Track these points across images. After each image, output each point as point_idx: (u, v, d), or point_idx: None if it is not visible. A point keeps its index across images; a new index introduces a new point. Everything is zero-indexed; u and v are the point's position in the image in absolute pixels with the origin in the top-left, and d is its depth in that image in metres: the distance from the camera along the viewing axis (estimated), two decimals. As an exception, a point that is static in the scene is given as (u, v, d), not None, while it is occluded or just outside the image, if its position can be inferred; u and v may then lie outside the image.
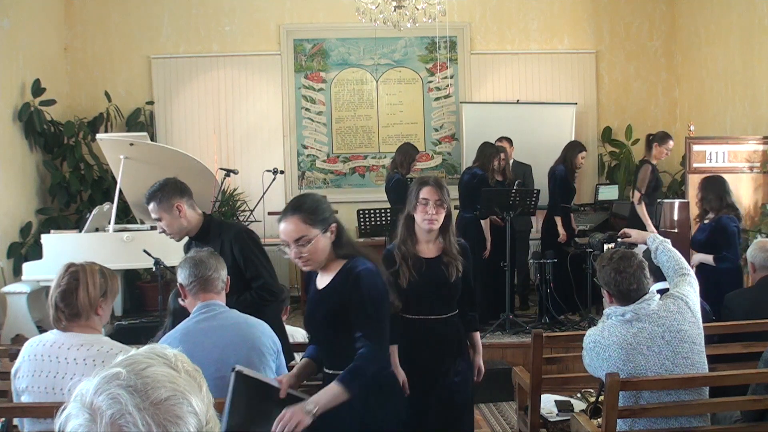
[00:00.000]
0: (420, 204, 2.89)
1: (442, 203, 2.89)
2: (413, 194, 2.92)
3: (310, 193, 2.40)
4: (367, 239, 6.50)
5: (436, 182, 2.92)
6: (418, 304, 2.91)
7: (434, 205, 2.87)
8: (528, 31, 8.05)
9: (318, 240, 2.22)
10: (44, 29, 7.20)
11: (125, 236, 5.46)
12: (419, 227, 2.93)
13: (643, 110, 8.17)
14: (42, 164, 6.99)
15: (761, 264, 3.60)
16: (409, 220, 2.96)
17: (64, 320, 2.35)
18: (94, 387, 0.87)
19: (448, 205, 2.92)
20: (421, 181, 2.97)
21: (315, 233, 2.21)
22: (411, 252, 2.93)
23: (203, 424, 0.89)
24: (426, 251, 2.96)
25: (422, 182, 2.94)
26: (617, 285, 2.60)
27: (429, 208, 2.87)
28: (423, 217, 2.88)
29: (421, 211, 2.88)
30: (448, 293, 2.95)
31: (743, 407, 2.80)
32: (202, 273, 2.56)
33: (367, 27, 6.87)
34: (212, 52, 7.78)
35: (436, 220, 2.88)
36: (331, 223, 2.27)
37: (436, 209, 2.87)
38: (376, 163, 7.97)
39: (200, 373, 0.96)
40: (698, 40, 7.65)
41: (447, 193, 2.92)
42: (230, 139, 7.80)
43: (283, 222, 2.24)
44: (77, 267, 2.40)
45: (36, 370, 2.33)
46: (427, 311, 2.93)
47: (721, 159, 6.31)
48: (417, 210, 2.90)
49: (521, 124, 7.43)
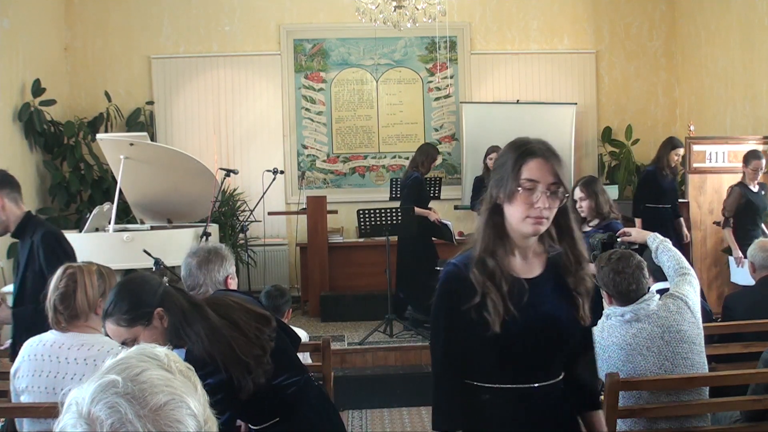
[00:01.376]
0: (523, 189, 1.70)
1: (559, 187, 1.71)
2: (507, 170, 1.74)
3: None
4: (367, 239, 6.54)
5: (549, 151, 1.75)
6: (513, 363, 1.77)
7: (546, 190, 1.70)
8: (528, 31, 8.05)
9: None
10: (44, 29, 7.20)
11: (125, 236, 5.46)
12: (512, 227, 1.76)
13: (643, 110, 8.17)
14: (42, 164, 6.99)
15: (761, 264, 3.60)
16: (495, 215, 1.78)
17: (63, 322, 2.35)
18: (90, 396, 0.85)
19: (567, 190, 1.74)
20: (523, 148, 1.75)
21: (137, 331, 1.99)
22: (505, 270, 1.75)
23: (202, 424, 0.89)
24: (523, 268, 1.79)
25: (525, 151, 1.74)
26: (616, 286, 2.61)
27: (538, 196, 1.69)
28: (525, 212, 1.70)
29: (523, 200, 1.70)
30: (561, 342, 1.80)
31: (743, 407, 2.79)
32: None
33: (367, 27, 6.87)
34: (212, 52, 7.78)
35: (546, 218, 1.72)
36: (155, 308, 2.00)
37: (549, 199, 1.70)
38: (376, 163, 7.97)
39: (193, 371, 0.95)
40: (698, 40, 7.65)
41: (565, 168, 1.77)
42: (230, 139, 7.80)
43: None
44: (75, 269, 2.40)
45: (36, 369, 2.33)
46: (524, 375, 1.78)
47: (721, 159, 6.30)
48: (515, 198, 1.72)
49: (521, 124, 7.41)
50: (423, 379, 5.13)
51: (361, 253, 6.95)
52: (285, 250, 7.64)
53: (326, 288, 6.70)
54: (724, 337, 3.33)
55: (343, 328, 6.14)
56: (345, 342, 5.61)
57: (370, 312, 6.20)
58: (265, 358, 2.04)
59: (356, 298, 6.59)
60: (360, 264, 6.87)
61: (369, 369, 5.31)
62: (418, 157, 6.09)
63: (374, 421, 4.78)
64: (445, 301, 1.82)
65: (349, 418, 4.85)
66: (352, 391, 4.97)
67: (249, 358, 2.01)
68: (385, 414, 4.91)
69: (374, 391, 5.05)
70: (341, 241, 7.16)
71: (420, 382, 5.11)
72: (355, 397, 4.99)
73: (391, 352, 5.40)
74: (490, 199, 1.78)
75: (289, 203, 7.78)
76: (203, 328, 1.99)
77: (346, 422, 4.76)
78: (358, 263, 6.89)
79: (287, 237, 7.73)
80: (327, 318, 6.48)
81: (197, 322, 2.00)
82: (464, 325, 1.76)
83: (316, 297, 6.64)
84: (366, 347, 5.43)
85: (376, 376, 5.18)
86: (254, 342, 2.05)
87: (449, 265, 1.83)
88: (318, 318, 6.53)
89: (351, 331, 5.98)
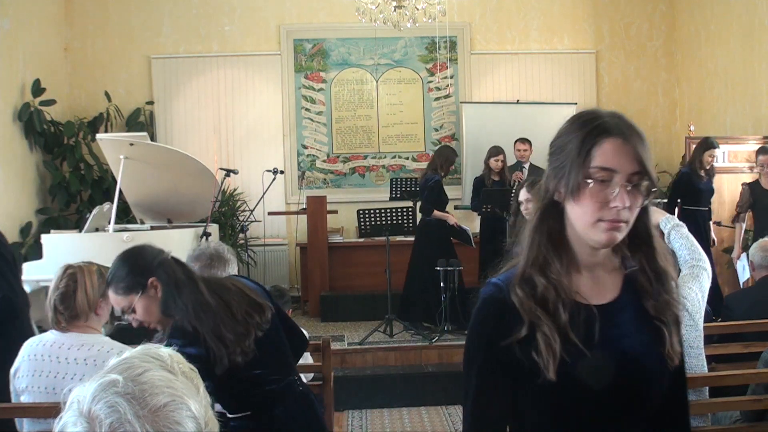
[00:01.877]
0: (594, 181, 1.21)
1: (643, 178, 1.22)
2: (571, 154, 1.24)
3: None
4: (367, 239, 6.54)
5: (630, 128, 1.23)
6: (576, 423, 1.27)
7: (626, 182, 1.21)
8: (528, 31, 8.06)
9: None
10: (44, 29, 7.20)
11: (125, 236, 5.45)
12: (576, 234, 1.27)
13: (643, 110, 8.17)
14: (42, 164, 6.99)
15: (760, 263, 3.60)
16: (550, 217, 1.29)
17: (63, 322, 2.35)
18: (90, 394, 0.86)
19: (654, 182, 1.23)
20: (593, 125, 1.23)
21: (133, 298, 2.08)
22: (565, 293, 1.26)
23: (202, 426, 0.89)
24: (591, 290, 1.30)
25: (596, 128, 1.23)
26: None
27: (614, 191, 1.20)
28: (597, 213, 1.22)
29: (594, 196, 1.21)
30: (645, 393, 1.28)
31: (743, 407, 2.79)
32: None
33: (367, 27, 6.88)
34: (212, 52, 7.78)
35: (626, 222, 1.22)
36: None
37: (630, 194, 1.21)
38: (376, 163, 7.97)
39: (196, 373, 0.95)
40: (698, 40, 7.65)
41: (649, 152, 1.24)
42: (230, 139, 7.80)
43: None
44: (75, 269, 2.40)
45: (36, 369, 2.33)
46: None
47: (721, 159, 6.30)
48: (582, 194, 1.22)
49: (521, 124, 7.42)
50: (423, 379, 5.14)
51: (361, 253, 6.95)
52: (285, 250, 7.64)
53: (326, 288, 6.71)
54: (724, 337, 3.33)
55: (343, 328, 6.14)
56: (345, 342, 5.61)
57: (370, 312, 6.20)
58: (246, 341, 2.07)
59: (356, 298, 6.59)
60: (360, 264, 6.86)
61: (369, 369, 5.30)
62: (437, 159, 6.05)
63: (374, 421, 4.78)
64: (480, 335, 1.31)
65: (349, 418, 4.85)
66: (352, 391, 4.97)
67: (230, 333, 2.04)
68: (385, 414, 4.91)
69: (374, 391, 5.05)
70: (341, 241, 7.16)
71: (420, 382, 5.12)
72: (355, 397, 4.99)
73: (391, 352, 5.39)
74: (544, 195, 1.30)
75: (289, 203, 7.79)
76: (191, 301, 2.04)
77: (346, 422, 4.76)
78: (358, 263, 6.89)
79: (287, 237, 7.74)
80: (327, 318, 6.48)
81: (187, 294, 2.05)
82: (506, 369, 1.26)
83: (316, 297, 6.64)
84: (366, 347, 5.43)
85: (376, 376, 5.18)
86: (239, 322, 2.08)
87: (489, 285, 1.32)
88: (318, 318, 6.53)
89: (351, 331, 5.98)
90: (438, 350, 5.38)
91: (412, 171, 7.86)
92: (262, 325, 2.15)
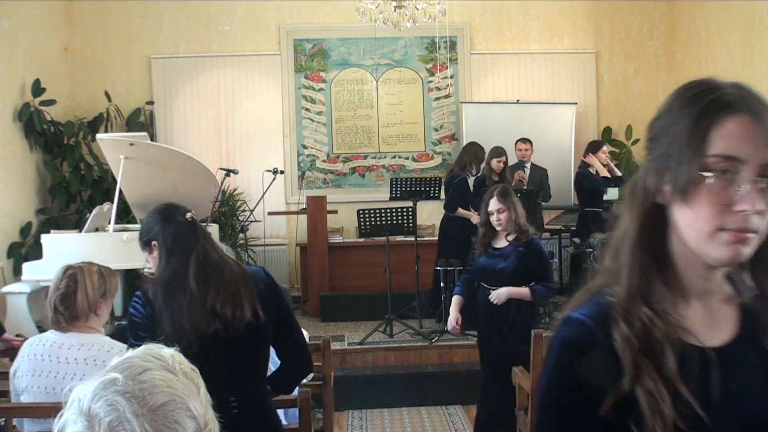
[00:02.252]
0: (715, 176, 0.89)
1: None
2: (681, 138, 0.92)
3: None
4: (367, 239, 6.54)
5: (760, 103, 0.96)
6: None
7: (759, 177, 0.89)
8: (528, 31, 8.05)
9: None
10: (44, 29, 7.20)
11: (125, 236, 5.45)
12: (685, 250, 0.95)
13: (643, 110, 8.16)
14: (42, 164, 6.99)
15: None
16: (651, 226, 0.97)
17: (63, 322, 2.35)
18: (91, 393, 0.86)
19: None
20: (710, 97, 0.93)
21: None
22: (676, 332, 0.93)
23: (202, 426, 0.89)
24: (705, 326, 0.96)
25: (714, 101, 0.93)
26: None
27: (742, 189, 0.88)
28: (717, 219, 0.90)
29: (714, 197, 0.89)
30: None
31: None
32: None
33: (367, 27, 6.87)
34: (212, 52, 7.78)
35: (755, 231, 0.89)
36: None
37: (765, 193, 0.88)
38: (376, 163, 7.97)
39: (197, 373, 0.95)
40: (698, 40, 7.65)
41: None
42: (230, 139, 7.80)
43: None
44: (75, 269, 2.40)
45: (36, 369, 2.33)
46: None
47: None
48: (697, 193, 0.90)
49: (521, 124, 7.44)
50: (423, 379, 5.15)
51: (361, 253, 6.95)
52: (285, 250, 7.64)
53: (326, 288, 6.71)
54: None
55: (343, 328, 6.14)
56: (345, 342, 5.61)
57: (370, 312, 6.20)
58: (199, 338, 1.92)
59: (356, 298, 6.59)
60: (360, 264, 6.86)
61: (369, 369, 5.31)
62: (465, 156, 6.03)
63: (374, 421, 4.79)
64: (562, 391, 0.97)
65: (349, 418, 4.86)
66: (352, 391, 4.98)
67: (186, 323, 1.93)
68: (385, 414, 4.92)
69: (374, 391, 5.05)
70: (341, 241, 7.16)
71: (420, 382, 5.12)
72: (355, 397, 5.00)
73: (391, 352, 5.40)
74: (642, 196, 0.98)
75: (289, 203, 7.78)
76: (169, 276, 2.02)
77: (346, 422, 4.77)
78: (358, 263, 6.89)
79: (287, 237, 7.73)
80: (327, 318, 6.48)
81: (171, 267, 2.04)
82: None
83: (316, 297, 6.64)
84: (366, 347, 5.43)
85: (376, 376, 5.18)
86: (204, 316, 1.94)
87: (570, 322, 0.97)
88: (318, 318, 6.53)
89: (351, 331, 5.98)
90: (438, 350, 5.38)
91: (412, 171, 7.87)
92: (233, 323, 1.96)
